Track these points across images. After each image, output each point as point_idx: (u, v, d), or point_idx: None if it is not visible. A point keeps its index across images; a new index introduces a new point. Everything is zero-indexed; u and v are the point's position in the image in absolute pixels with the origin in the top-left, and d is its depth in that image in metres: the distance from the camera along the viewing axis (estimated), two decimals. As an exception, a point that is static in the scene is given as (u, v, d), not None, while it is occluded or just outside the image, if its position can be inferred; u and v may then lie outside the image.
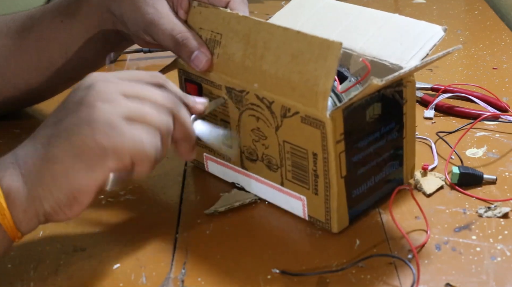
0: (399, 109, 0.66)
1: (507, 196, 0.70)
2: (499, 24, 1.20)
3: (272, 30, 0.64)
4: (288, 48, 0.62)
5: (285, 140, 0.64)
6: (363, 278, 0.60)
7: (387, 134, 0.66)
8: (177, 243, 0.66)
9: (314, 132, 0.61)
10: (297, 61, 0.61)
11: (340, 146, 0.61)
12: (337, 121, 0.60)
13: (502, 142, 0.80)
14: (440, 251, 0.63)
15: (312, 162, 0.62)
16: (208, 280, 0.61)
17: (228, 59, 0.67)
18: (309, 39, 0.61)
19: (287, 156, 0.65)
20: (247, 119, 0.67)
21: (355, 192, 0.65)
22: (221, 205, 0.70)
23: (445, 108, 0.88)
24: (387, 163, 0.67)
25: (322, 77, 0.59)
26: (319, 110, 0.60)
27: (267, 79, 0.63)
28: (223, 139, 0.68)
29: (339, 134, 0.61)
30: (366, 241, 0.64)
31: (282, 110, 0.63)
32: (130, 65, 1.09)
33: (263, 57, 0.64)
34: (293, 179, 0.65)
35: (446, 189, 0.72)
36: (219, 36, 0.68)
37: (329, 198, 0.63)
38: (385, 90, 0.64)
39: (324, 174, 0.62)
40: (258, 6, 1.36)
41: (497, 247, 0.63)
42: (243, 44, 0.65)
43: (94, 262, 0.64)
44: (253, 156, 0.68)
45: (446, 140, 0.81)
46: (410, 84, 0.66)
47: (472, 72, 1.00)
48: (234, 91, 0.67)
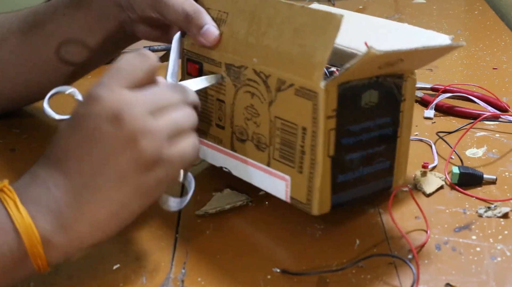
0: (396, 105, 0.66)
1: (507, 196, 0.70)
2: (499, 24, 1.20)
3: (277, 5, 0.64)
4: (291, 22, 0.62)
5: (276, 115, 0.64)
6: (363, 278, 0.60)
7: (381, 127, 0.65)
8: (177, 243, 0.66)
9: (306, 105, 0.60)
10: (299, 35, 0.61)
11: (331, 122, 0.60)
12: (331, 95, 0.59)
13: (502, 142, 0.80)
14: (440, 251, 0.63)
15: (300, 137, 0.62)
16: (208, 280, 0.61)
17: (231, 36, 0.68)
18: (313, 12, 0.61)
19: (277, 133, 0.64)
20: (242, 96, 0.67)
21: (341, 177, 0.63)
22: (213, 207, 0.70)
23: (445, 108, 0.88)
24: (378, 157, 0.66)
25: (320, 48, 0.59)
26: (313, 81, 0.59)
27: (268, 54, 0.64)
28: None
29: (331, 109, 0.60)
30: (366, 241, 0.64)
31: (278, 84, 0.63)
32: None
33: (266, 33, 0.64)
34: (280, 157, 0.65)
35: (446, 189, 0.72)
36: (225, 15, 0.69)
37: (313, 175, 0.62)
38: (384, 78, 0.63)
39: (312, 150, 0.61)
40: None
41: (497, 247, 0.63)
42: (248, 22, 0.66)
43: (94, 262, 0.64)
44: (243, 136, 0.68)
45: (446, 140, 0.81)
46: (410, 80, 0.66)
47: (472, 72, 1.00)
48: (233, 67, 0.67)
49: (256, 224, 0.68)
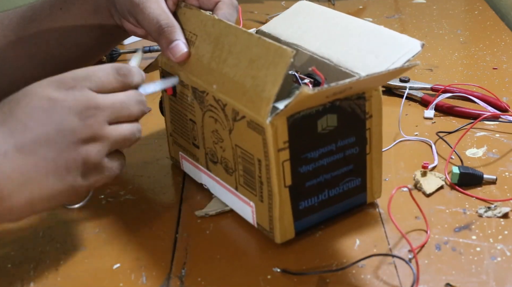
0: (360, 123, 0.64)
1: (507, 196, 0.70)
2: (499, 24, 1.20)
3: (238, 34, 0.64)
4: (248, 52, 0.62)
5: (236, 144, 0.64)
6: (363, 278, 0.60)
7: (345, 149, 0.64)
8: (177, 243, 0.66)
9: (257, 138, 0.60)
10: (253, 66, 0.61)
11: (284, 154, 0.60)
12: (280, 129, 0.59)
13: (502, 142, 0.80)
14: (440, 251, 0.63)
15: (257, 168, 0.62)
16: (208, 280, 0.61)
17: (197, 59, 0.67)
18: (267, 45, 0.60)
19: (238, 160, 0.64)
20: (208, 120, 0.67)
21: (303, 204, 0.63)
22: (212, 209, 0.70)
23: (445, 108, 0.88)
24: (344, 178, 0.65)
25: (270, 83, 0.59)
26: (261, 116, 0.59)
27: (225, 82, 0.63)
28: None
29: (282, 142, 0.59)
30: (366, 241, 0.64)
31: (233, 114, 0.63)
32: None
33: (226, 60, 0.64)
34: (244, 184, 0.65)
35: (446, 189, 0.72)
36: (194, 37, 0.68)
37: (272, 206, 0.62)
38: (341, 101, 0.62)
39: (267, 181, 0.61)
40: (258, 6, 1.36)
41: (497, 247, 0.63)
42: (212, 46, 0.66)
43: (94, 262, 0.64)
44: (214, 158, 0.68)
45: (446, 140, 0.81)
46: (374, 98, 0.64)
47: (472, 72, 1.00)
48: (198, 91, 0.67)
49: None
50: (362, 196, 0.67)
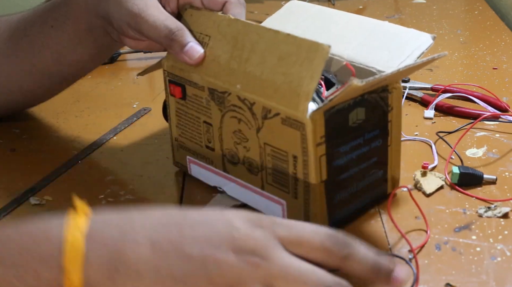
0: (384, 116, 0.65)
1: (507, 196, 0.70)
2: (499, 24, 1.20)
3: (261, 32, 0.63)
4: (275, 50, 0.62)
5: (265, 142, 0.63)
6: (363, 278, 0.60)
7: (371, 141, 0.65)
8: (177, 243, 0.66)
9: (294, 134, 0.60)
10: (283, 63, 0.61)
11: (321, 149, 0.60)
12: (318, 124, 0.59)
13: (502, 142, 0.80)
14: (440, 251, 0.63)
15: (292, 165, 0.62)
16: (208, 280, 0.61)
17: (213, 60, 0.66)
18: (299, 41, 0.60)
19: (267, 158, 0.64)
20: (229, 121, 0.66)
21: (336, 198, 0.64)
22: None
23: (445, 108, 0.88)
24: (370, 170, 0.66)
25: (307, 78, 0.59)
26: (299, 112, 0.59)
27: (250, 81, 0.63)
28: None
29: (319, 137, 0.60)
30: (366, 241, 0.64)
31: (263, 112, 0.62)
32: (130, 65, 1.09)
33: (249, 60, 0.63)
34: (273, 182, 0.65)
35: (446, 189, 0.72)
36: (207, 38, 0.67)
37: (309, 202, 0.62)
38: (369, 95, 0.63)
39: (304, 177, 0.61)
40: (258, 6, 1.36)
41: (497, 247, 0.63)
42: (230, 46, 0.65)
43: (94, 262, 0.64)
44: (235, 159, 0.68)
45: (446, 140, 0.81)
46: (396, 91, 0.65)
47: (472, 72, 1.00)
48: (217, 92, 0.66)
49: (256, 224, 0.68)
50: (384, 187, 0.69)
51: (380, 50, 0.66)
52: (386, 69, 0.65)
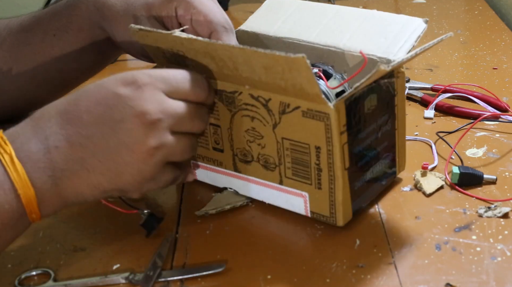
0: (391, 101, 0.67)
1: (507, 196, 0.70)
2: (499, 24, 1.20)
3: (229, 49, 0.61)
4: (255, 62, 0.61)
5: (284, 137, 0.64)
6: (363, 278, 0.60)
7: (381, 126, 0.66)
8: (177, 243, 0.66)
9: (317, 126, 0.61)
10: (272, 71, 0.60)
11: (344, 137, 0.61)
12: (341, 112, 0.60)
13: (502, 142, 0.80)
14: (440, 251, 0.63)
15: (314, 156, 0.63)
16: (208, 280, 0.61)
17: (205, 67, 0.65)
18: (276, 57, 0.58)
19: (286, 153, 0.65)
20: (240, 120, 0.66)
21: (357, 184, 0.65)
22: (212, 207, 0.70)
23: (445, 108, 0.88)
24: (382, 154, 0.68)
25: (306, 84, 0.59)
26: (322, 103, 0.60)
27: (257, 82, 0.63)
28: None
29: (342, 125, 0.61)
30: (366, 241, 0.64)
31: (281, 107, 0.63)
32: (130, 65, 1.09)
33: (238, 69, 0.62)
34: (293, 175, 0.65)
35: (446, 189, 0.72)
36: (181, 52, 0.65)
37: (334, 191, 0.63)
38: (380, 81, 0.64)
39: (329, 167, 0.62)
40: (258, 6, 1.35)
41: (497, 247, 0.63)
42: (209, 59, 0.64)
43: (93, 262, 0.64)
44: (248, 157, 0.68)
45: (446, 140, 0.81)
46: (401, 75, 0.67)
47: (472, 72, 1.00)
48: (225, 93, 0.66)
49: (256, 224, 0.68)
50: (393, 171, 0.70)
51: (376, 37, 0.67)
52: (387, 55, 0.66)
